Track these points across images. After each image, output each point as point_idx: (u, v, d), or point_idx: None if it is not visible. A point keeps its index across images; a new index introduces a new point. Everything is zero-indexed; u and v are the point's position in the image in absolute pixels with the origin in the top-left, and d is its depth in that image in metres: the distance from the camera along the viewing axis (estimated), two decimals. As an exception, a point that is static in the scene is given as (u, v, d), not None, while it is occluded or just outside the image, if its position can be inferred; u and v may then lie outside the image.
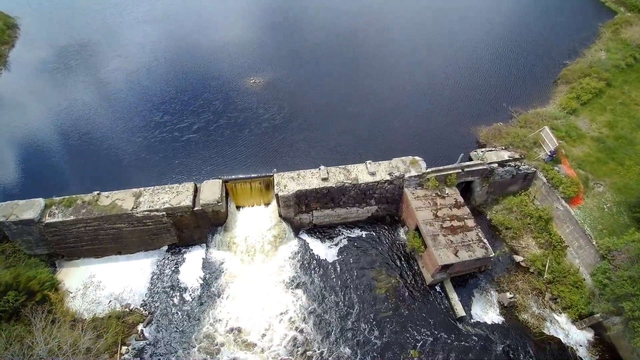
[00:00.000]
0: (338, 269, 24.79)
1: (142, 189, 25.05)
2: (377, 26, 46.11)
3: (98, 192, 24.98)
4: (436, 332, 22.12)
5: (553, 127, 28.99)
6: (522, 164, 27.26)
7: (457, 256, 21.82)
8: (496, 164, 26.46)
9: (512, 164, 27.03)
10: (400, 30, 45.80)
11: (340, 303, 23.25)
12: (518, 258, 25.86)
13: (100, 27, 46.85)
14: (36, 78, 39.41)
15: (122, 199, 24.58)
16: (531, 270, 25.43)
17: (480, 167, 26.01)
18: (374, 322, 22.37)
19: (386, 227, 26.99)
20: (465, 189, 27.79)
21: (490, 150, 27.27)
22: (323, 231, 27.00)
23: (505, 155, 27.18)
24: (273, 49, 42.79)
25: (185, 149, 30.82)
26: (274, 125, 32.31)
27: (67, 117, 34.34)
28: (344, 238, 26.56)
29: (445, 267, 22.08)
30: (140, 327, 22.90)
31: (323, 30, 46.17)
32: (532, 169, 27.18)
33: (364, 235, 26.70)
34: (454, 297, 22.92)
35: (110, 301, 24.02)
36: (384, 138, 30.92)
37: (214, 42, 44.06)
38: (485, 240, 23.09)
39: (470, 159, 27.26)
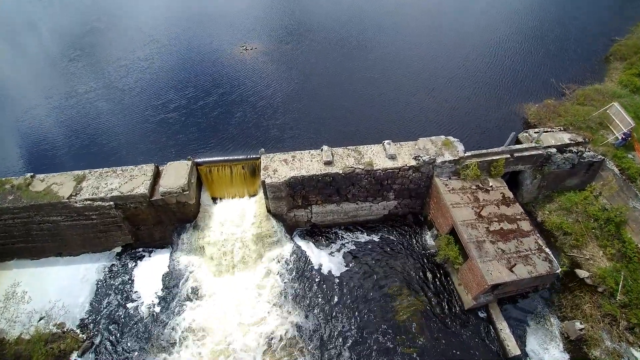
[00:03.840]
0: (344, 284, 18.55)
1: (86, 171, 19.06)
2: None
3: (32, 174, 19.11)
4: (480, 378, 15.88)
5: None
6: (586, 149, 20.85)
7: (512, 272, 15.50)
8: (554, 149, 20.08)
9: (574, 149, 20.63)
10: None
11: (346, 332, 16.98)
12: (582, 273, 19.46)
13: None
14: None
15: (60, 184, 18.58)
16: (600, 289, 19.05)
17: (535, 153, 19.65)
18: (393, 361, 16.14)
19: (407, 230, 20.68)
20: (509, 182, 21.38)
21: (547, 132, 20.87)
22: (324, 233, 20.77)
23: (565, 137, 20.77)
24: (274, 13, 36.66)
25: (157, 132, 24.66)
26: (273, 105, 25.93)
27: (12, 86, 28.53)
28: (352, 242, 20.33)
29: (494, 287, 15.78)
30: (74, 356, 16.93)
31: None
32: (599, 156, 20.77)
33: (377, 240, 20.43)
34: (505, 329, 16.60)
35: (40, 319, 18.08)
36: (407, 115, 24.52)
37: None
38: (548, 250, 16.76)
39: (519, 142, 20.89)
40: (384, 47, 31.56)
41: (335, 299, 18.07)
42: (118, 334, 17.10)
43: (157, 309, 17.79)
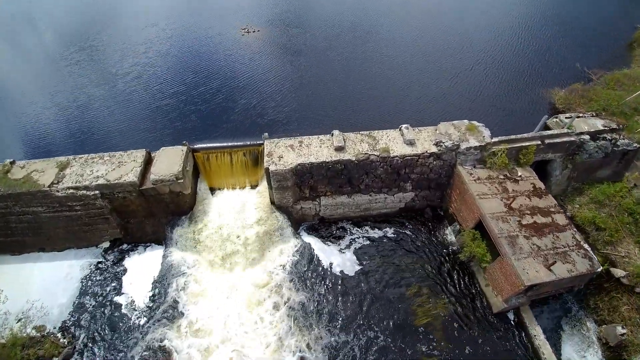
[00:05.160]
0: (355, 284, 16.66)
1: (71, 157, 17.23)
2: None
3: (11, 160, 17.31)
4: (512, 391, 14.04)
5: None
6: (621, 136, 19.00)
7: (550, 271, 13.65)
8: (587, 136, 18.23)
9: (608, 136, 18.79)
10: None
11: (358, 340, 15.10)
12: (618, 272, 17.57)
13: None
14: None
15: (41, 171, 16.74)
16: (637, 290, 17.19)
17: (567, 139, 17.79)
18: (414, 372, 14.29)
19: (425, 224, 18.81)
20: (536, 173, 19.56)
21: (579, 117, 19.01)
22: (333, 227, 18.93)
23: (598, 124, 18.93)
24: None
25: (152, 119, 22.65)
26: (279, 91, 23.86)
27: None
28: (364, 238, 18.46)
29: (528, 288, 13.93)
30: (55, 362, 15.10)
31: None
32: (634, 144, 18.93)
33: (392, 236, 18.56)
34: (539, 335, 14.76)
35: (18, 320, 16.24)
36: (426, 98, 22.68)
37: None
38: (587, 247, 14.96)
39: (547, 128, 19.04)
40: (401, 32, 29.71)
41: (345, 299, 16.18)
42: (103, 340, 15.21)
43: (148, 313, 15.89)
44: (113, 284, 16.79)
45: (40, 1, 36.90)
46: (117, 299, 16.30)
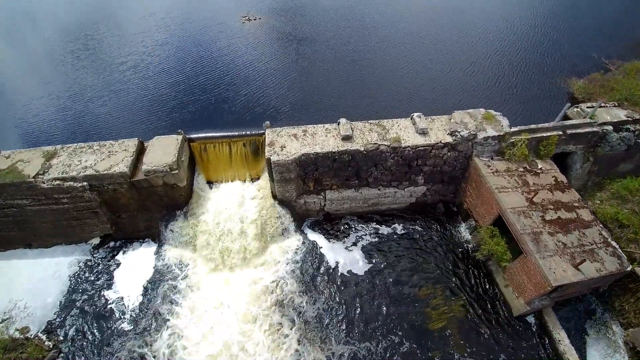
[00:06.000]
0: (365, 286, 15.50)
1: (58, 147, 16.05)
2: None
3: (-4, 150, 16.15)
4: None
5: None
6: (645, 128, 17.84)
7: (579, 270, 12.50)
8: (611, 126, 17.08)
9: (631, 127, 17.64)
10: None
11: (369, 346, 13.96)
12: (643, 273, 16.49)
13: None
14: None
15: (27, 161, 15.59)
16: (664, 292, 16.08)
17: (589, 130, 16.63)
18: (428, 379, 13.15)
19: (438, 221, 17.66)
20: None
21: (601, 107, 17.85)
22: (339, 223, 17.76)
23: (620, 114, 17.77)
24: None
25: (149, 110, 21.48)
26: (284, 81, 22.65)
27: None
28: (372, 235, 17.31)
29: (555, 288, 12.76)
30: (39, 367, 13.95)
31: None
32: (659, 137, 17.78)
33: (402, 232, 17.41)
34: (564, 339, 13.61)
35: (2, 321, 15.09)
36: (439, 87, 21.61)
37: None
38: (615, 244, 13.81)
39: (567, 119, 17.87)
40: (413, 19, 28.62)
41: (353, 301, 15.03)
42: (89, 345, 14.06)
43: (139, 315, 14.75)
44: (103, 284, 15.64)
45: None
46: (106, 300, 15.15)
